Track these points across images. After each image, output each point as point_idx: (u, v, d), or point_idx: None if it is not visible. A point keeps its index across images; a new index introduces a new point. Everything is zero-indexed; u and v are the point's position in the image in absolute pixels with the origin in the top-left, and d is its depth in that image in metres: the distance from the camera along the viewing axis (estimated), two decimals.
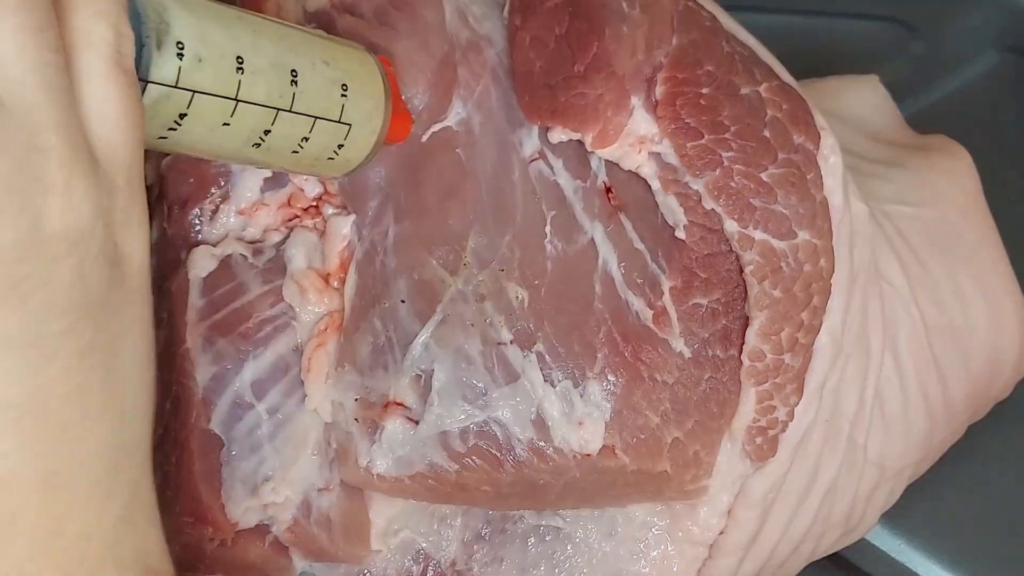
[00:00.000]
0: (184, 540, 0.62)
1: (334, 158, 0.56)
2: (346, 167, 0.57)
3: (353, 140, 0.56)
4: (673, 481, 0.64)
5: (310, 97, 0.52)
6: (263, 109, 0.50)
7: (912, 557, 0.83)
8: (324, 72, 0.53)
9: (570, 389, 0.62)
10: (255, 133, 0.51)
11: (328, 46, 0.54)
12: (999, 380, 0.83)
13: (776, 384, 0.65)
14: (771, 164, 0.63)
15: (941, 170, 0.83)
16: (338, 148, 0.55)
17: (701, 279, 0.64)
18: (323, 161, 0.56)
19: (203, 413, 0.63)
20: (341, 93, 0.54)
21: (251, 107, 0.49)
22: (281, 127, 0.51)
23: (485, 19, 0.66)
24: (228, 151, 0.51)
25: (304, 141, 0.53)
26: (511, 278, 0.63)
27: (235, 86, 0.48)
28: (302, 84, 0.51)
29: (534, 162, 0.65)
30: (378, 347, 0.62)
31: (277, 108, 0.51)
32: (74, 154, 0.40)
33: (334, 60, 0.54)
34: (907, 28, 1.19)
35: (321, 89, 0.53)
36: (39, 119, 0.38)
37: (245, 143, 0.51)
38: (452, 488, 0.61)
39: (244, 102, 0.49)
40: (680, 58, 0.63)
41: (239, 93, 0.49)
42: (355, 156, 0.57)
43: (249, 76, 0.49)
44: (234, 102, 0.49)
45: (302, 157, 0.54)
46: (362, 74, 0.56)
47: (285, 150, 0.53)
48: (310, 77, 0.52)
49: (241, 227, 0.66)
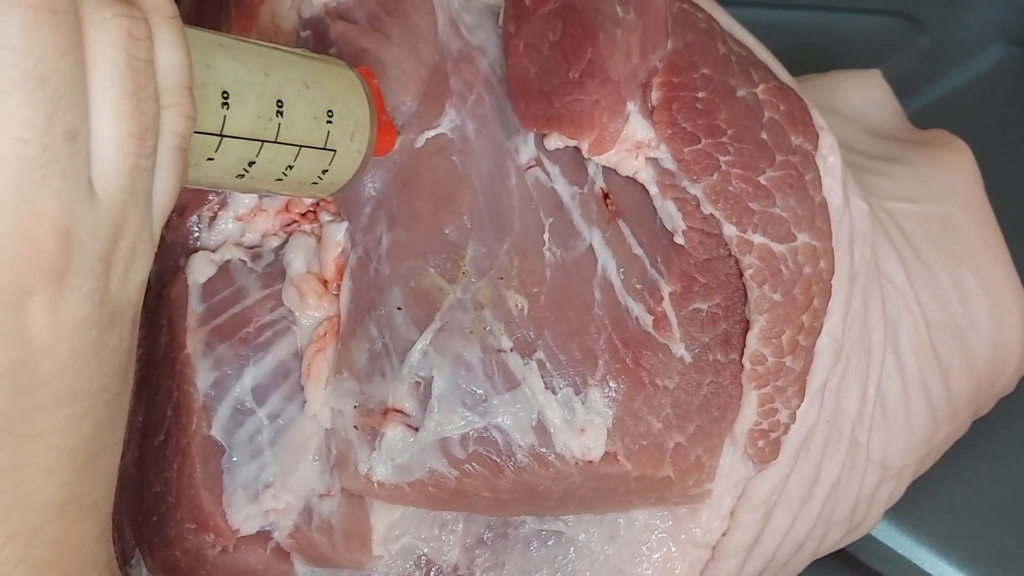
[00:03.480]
0: (186, 547, 0.63)
1: (318, 182, 0.55)
2: (331, 189, 0.57)
3: (338, 164, 0.55)
4: (676, 486, 0.63)
5: (295, 127, 0.51)
6: (247, 142, 0.49)
7: (919, 554, 0.83)
8: (309, 98, 0.52)
9: (571, 396, 0.61)
10: (239, 165, 0.50)
11: (313, 67, 0.54)
12: (1002, 376, 0.83)
13: (777, 387, 0.64)
14: (769, 167, 0.63)
15: (942, 166, 0.83)
16: (322, 173, 0.55)
17: (701, 284, 0.64)
18: (307, 185, 0.55)
19: (204, 419, 0.63)
20: (327, 119, 0.53)
21: (235, 141, 0.49)
22: (265, 158, 0.51)
23: (478, 28, 0.66)
24: (210, 181, 0.51)
25: (288, 169, 0.53)
26: (510, 286, 0.62)
27: (220, 122, 0.48)
28: (287, 114, 0.51)
29: (531, 169, 0.64)
30: (375, 354, 0.62)
31: (262, 140, 0.50)
32: (144, 236, 0.43)
33: (319, 83, 0.53)
34: (911, 22, 1.19)
35: (306, 117, 0.52)
36: (125, 214, 0.42)
37: (228, 174, 0.50)
38: (452, 494, 0.61)
39: (229, 136, 0.49)
40: (675, 62, 0.63)
41: (224, 128, 0.48)
42: (340, 179, 0.56)
43: (234, 111, 0.48)
44: (219, 138, 0.48)
45: (286, 183, 0.54)
46: (347, 96, 0.55)
47: (269, 178, 0.52)
48: (295, 106, 0.51)
49: (239, 233, 0.67)
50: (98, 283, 0.41)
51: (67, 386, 0.41)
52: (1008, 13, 1.18)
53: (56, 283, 0.40)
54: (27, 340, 0.40)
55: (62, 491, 0.43)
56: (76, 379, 0.42)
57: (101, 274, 0.41)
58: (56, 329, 0.40)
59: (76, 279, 0.40)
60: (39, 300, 0.39)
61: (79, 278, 0.40)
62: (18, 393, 0.40)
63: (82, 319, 0.41)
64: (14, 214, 0.38)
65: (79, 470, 0.43)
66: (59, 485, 0.43)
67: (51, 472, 0.42)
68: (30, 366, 0.40)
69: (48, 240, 0.39)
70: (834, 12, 1.18)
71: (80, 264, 0.40)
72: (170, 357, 0.65)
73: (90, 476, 0.44)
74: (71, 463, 0.43)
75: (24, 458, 0.41)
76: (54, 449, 0.42)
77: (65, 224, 0.39)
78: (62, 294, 0.40)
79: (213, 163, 0.49)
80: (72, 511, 0.44)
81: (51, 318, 0.40)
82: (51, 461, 0.42)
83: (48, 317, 0.40)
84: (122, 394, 0.45)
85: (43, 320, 0.40)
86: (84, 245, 0.40)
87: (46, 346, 0.40)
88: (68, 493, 0.43)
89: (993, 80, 1.17)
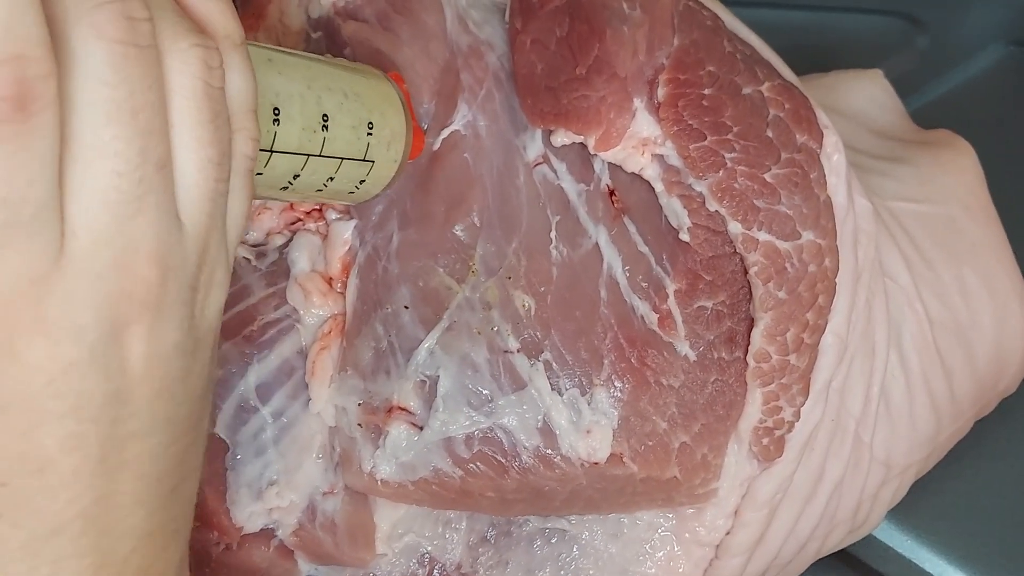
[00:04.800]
0: (189, 544, 0.62)
1: (355, 191, 0.56)
2: (365, 196, 0.57)
3: (375, 173, 0.56)
4: (683, 486, 0.63)
5: (339, 140, 0.52)
6: (294, 156, 0.50)
7: (921, 554, 0.83)
8: (350, 111, 0.53)
9: (577, 397, 0.61)
10: (284, 179, 0.51)
11: (353, 79, 0.54)
12: (1005, 376, 0.83)
13: (782, 385, 0.64)
14: (774, 164, 0.63)
15: (945, 166, 0.83)
16: (360, 183, 0.56)
17: (706, 281, 0.63)
18: (344, 194, 0.56)
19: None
20: (367, 132, 0.54)
21: (283, 156, 0.49)
22: (309, 170, 0.51)
23: (485, 24, 0.65)
24: (257, 194, 0.51)
25: (329, 180, 0.53)
26: (518, 286, 0.62)
27: (271, 138, 0.48)
28: (332, 128, 0.51)
29: (538, 166, 0.64)
30: (380, 352, 0.62)
31: (308, 154, 0.51)
32: (222, 260, 0.44)
33: (358, 95, 0.54)
34: (912, 22, 1.19)
35: (349, 130, 0.53)
36: (208, 239, 0.42)
37: (275, 187, 0.51)
38: (456, 494, 0.61)
39: (278, 152, 0.49)
40: (682, 59, 0.63)
41: (274, 144, 0.49)
42: (375, 187, 0.57)
43: (284, 126, 0.49)
44: (269, 153, 0.49)
45: (325, 193, 0.54)
46: (384, 107, 0.55)
47: (310, 189, 0.53)
48: (339, 119, 0.52)
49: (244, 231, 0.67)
50: (187, 311, 0.42)
51: (157, 414, 0.42)
52: (1008, 13, 1.18)
53: (153, 314, 0.40)
54: (124, 371, 0.40)
55: (149, 519, 0.43)
56: (165, 407, 0.42)
57: (189, 302, 0.42)
58: (150, 359, 0.40)
59: (170, 308, 0.41)
60: (136, 331, 0.40)
61: (172, 307, 0.41)
62: (113, 423, 0.40)
63: (173, 347, 0.41)
64: (113, 247, 0.38)
65: (165, 497, 0.43)
66: (147, 513, 0.43)
67: (140, 500, 0.42)
68: (124, 396, 0.40)
69: (146, 272, 0.39)
70: (834, 12, 1.19)
71: (173, 293, 0.41)
72: None
73: (175, 503, 0.45)
74: (158, 491, 0.43)
75: (115, 487, 0.41)
76: (143, 478, 0.42)
77: (160, 254, 0.40)
78: (158, 324, 0.40)
79: (261, 178, 0.49)
80: (158, 539, 0.44)
81: (147, 348, 0.40)
82: (140, 490, 0.42)
83: (144, 347, 0.40)
84: (203, 419, 0.46)
85: (139, 351, 0.40)
86: (176, 274, 0.41)
87: (140, 376, 0.40)
88: (155, 521, 0.43)
89: (993, 80, 1.17)
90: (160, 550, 0.44)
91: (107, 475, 0.41)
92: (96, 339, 0.39)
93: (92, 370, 0.39)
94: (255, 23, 0.68)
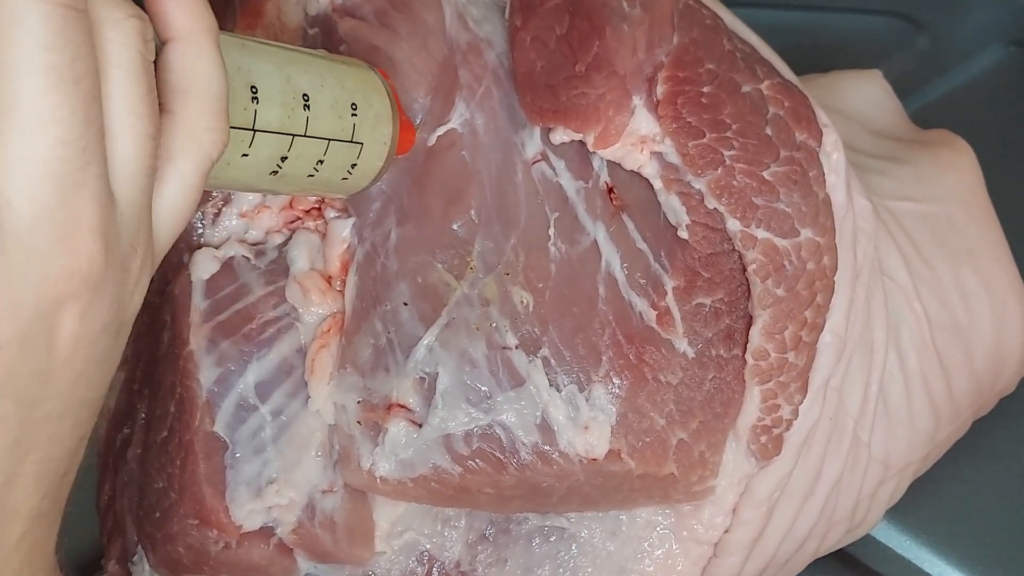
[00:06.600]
0: (189, 542, 0.63)
1: (347, 178, 0.56)
2: (359, 185, 0.57)
3: (365, 158, 0.56)
4: (680, 483, 0.63)
5: (322, 120, 0.52)
6: (279, 136, 0.50)
7: (919, 554, 0.83)
8: (332, 93, 0.53)
9: (575, 393, 0.61)
10: (272, 161, 0.51)
11: (332, 67, 0.54)
12: (1003, 375, 0.83)
13: (780, 383, 0.64)
14: (773, 162, 0.63)
15: (944, 165, 0.83)
16: (351, 168, 0.55)
17: (704, 279, 0.64)
18: (336, 182, 0.56)
19: (207, 415, 0.63)
20: (351, 113, 0.54)
21: (268, 136, 0.49)
22: (297, 152, 0.51)
23: (484, 21, 0.66)
24: (247, 181, 0.51)
25: (319, 164, 0.53)
26: (516, 282, 0.62)
27: (251, 117, 0.48)
28: (314, 108, 0.51)
29: (537, 164, 0.64)
30: (379, 349, 0.62)
31: (292, 134, 0.51)
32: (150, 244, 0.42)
33: (339, 77, 0.54)
34: (911, 23, 1.19)
35: (332, 111, 0.53)
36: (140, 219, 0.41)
37: (263, 171, 0.51)
38: (455, 491, 0.61)
39: (261, 131, 0.49)
40: (681, 56, 0.63)
41: (256, 123, 0.49)
42: (367, 174, 0.57)
43: (264, 105, 0.49)
44: (251, 132, 0.49)
45: (317, 180, 0.54)
46: (368, 92, 0.56)
47: (301, 175, 0.53)
48: (320, 100, 0.52)
49: (243, 229, 0.67)
50: (118, 291, 0.40)
51: (74, 397, 0.40)
52: (1008, 13, 1.18)
53: (91, 292, 0.39)
54: (52, 350, 0.38)
55: (44, 501, 0.41)
56: (83, 391, 0.41)
57: (122, 282, 0.40)
58: (79, 340, 0.39)
59: (105, 288, 0.39)
60: (71, 309, 0.38)
61: (107, 286, 0.39)
62: (32, 404, 0.39)
63: (102, 329, 0.40)
64: (56, 220, 0.37)
65: (60, 479, 0.42)
66: (43, 495, 0.41)
67: (40, 482, 0.41)
68: (48, 376, 0.39)
69: (89, 247, 0.38)
70: (834, 12, 1.18)
71: (110, 272, 0.39)
72: (173, 353, 0.65)
73: (64, 486, 0.43)
74: (57, 472, 0.41)
75: (21, 468, 0.40)
76: (47, 460, 0.40)
77: (102, 230, 0.38)
78: (93, 303, 0.39)
79: (248, 159, 0.49)
80: (48, 520, 0.43)
81: (78, 328, 0.39)
82: (42, 472, 0.41)
83: (75, 327, 0.39)
84: (99, 407, 0.44)
85: (69, 329, 0.39)
86: (113, 252, 0.39)
87: (66, 356, 0.39)
88: (46, 504, 0.42)
89: (993, 80, 1.17)
90: (48, 530, 0.43)
91: (18, 456, 0.39)
92: (32, 317, 0.37)
93: (22, 348, 0.37)
94: (253, 21, 0.68)
